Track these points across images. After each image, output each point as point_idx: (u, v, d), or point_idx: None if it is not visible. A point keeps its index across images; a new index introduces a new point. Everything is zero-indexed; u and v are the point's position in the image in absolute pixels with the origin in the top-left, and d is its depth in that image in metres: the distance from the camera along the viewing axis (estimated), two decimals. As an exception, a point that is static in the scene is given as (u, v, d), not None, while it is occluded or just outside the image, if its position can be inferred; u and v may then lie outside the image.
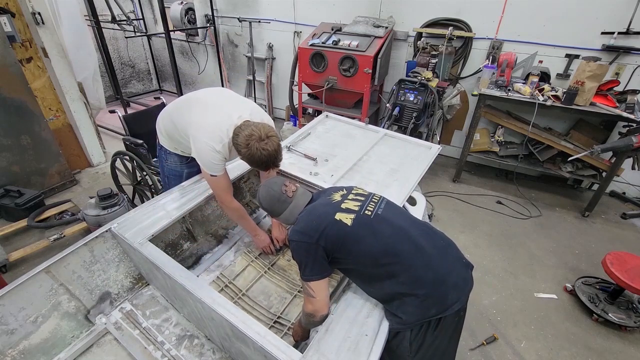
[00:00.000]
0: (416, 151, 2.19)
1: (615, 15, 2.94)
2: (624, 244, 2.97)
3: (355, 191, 1.34)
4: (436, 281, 1.14)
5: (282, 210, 1.33)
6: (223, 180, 1.65)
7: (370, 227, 1.18)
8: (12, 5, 2.82)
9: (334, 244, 1.17)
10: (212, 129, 1.55)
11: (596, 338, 2.14)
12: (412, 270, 1.14)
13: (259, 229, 1.86)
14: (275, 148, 1.43)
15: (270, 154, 1.41)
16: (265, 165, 1.46)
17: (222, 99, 1.70)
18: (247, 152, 1.42)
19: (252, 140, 1.40)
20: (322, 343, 1.10)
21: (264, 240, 1.84)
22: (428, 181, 3.75)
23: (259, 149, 1.40)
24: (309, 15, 4.30)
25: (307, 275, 1.18)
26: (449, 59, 3.45)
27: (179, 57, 5.76)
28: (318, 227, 1.17)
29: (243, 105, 1.69)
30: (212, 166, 1.58)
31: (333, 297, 1.67)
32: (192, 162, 1.91)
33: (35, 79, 3.10)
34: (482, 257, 2.74)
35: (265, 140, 1.41)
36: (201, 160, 1.59)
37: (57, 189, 3.35)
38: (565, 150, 3.20)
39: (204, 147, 1.54)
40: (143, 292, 1.72)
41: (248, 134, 1.42)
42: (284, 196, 1.32)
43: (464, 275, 1.21)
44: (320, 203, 1.30)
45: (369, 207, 1.23)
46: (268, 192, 1.35)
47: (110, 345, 1.50)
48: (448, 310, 1.12)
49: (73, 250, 1.48)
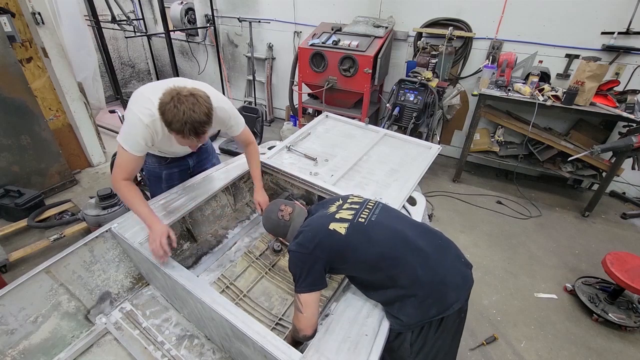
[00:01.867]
0: (416, 151, 2.19)
1: (615, 15, 2.94)
2: (624, 244, 2.97)
3: (350, 200, 1.36)
4: (435, 281, 1.14)
5: (285, 232, 1.39)
6: (132, 161, 1.43)
7: (365, 233, 1.19)
8: (12, 5, 2.82)
9: (330, 253, 1.19)
10: (144, 101, 1.39)
11: (596, 338, 2.14)
12: (410, 271, 1.14)
13: (157, 222, 1.42)
14: (193, 109, 1.20)
15: (184, 112, 1.19)
16: (180, 126, 1.22)
17: (170, 81, 1.47)
18: (162, 99, 1.23)
19: (173, 92, 1.22)
20: (322, 343, 1.10)
21: (154, 240, 1.35)
22: (428, 181, 3.75)
23: (171, 103, 1.20)
24: (309, 15, 4.30)
25: (299, 286, 1.19)
26: (449, 59, 3.45)
27: (179, 57, 5.76)
28: (313, 238, 1.20)
29: (190, 83, 1.45)
30: (130, 139, 1.39)
31: (333, 297, 1.68)
32: (171, 164, 1.86)
33: (35, 79, 3.09)
34: (482, 257, 2.74)
35: (187, 97, 1.21)
36: (123, 128, 1.41)
37: (57, 189, 3.34)
38: (565, 150, 3.20)
39: (132, 118, 1.38)
40: (143, 292, 1.72)
41: (172, 88, 1.24)
42: (282, 221, 1.38)
43: (464, 274, 1.21)
44: (317, 216, 1.33)
45: (363, 214, 1.25)
46: (268, 221, 1.42)
47: (110, 345, 1.50)
48: (449, 310, 1.12)
49: (73, 250, 1.48)
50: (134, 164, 1.46)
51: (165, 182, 1.89)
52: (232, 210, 2.17)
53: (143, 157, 1.48)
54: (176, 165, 1.89)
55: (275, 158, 2.10)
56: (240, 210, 2.23)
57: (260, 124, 3.40)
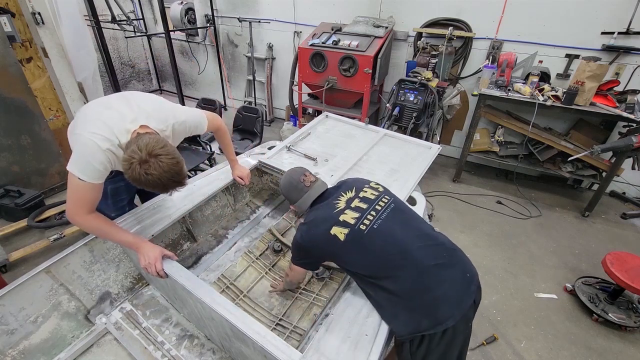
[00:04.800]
0: (416, 151, 2.19)
1: (615, 15, 2.94)
2: (624, 244, 2.97)
3: (363, 193, 1.31)
4: (425, 295, 1.12)
5: (297, 198, 1.38)
6: (92, 190, 1.27)
7: (361, 244, 1.19)
8: (12, 5, 2.81)
9: (327, 255, 1.32)
10: (99, 125, 1.24)
11: (596, 338, 2.14)
12: (401, 283, 1.14)
13: (143, 242, 1.36)
14: (164, 169, 1.14)
15: (160, 177, 1.14)
16: (162, 188, 1.19)
17: (122, 100, 1.37)
18: (131, 176, 1.15)
19: (132, 163, 1.13)
20: (322, 343, 1.10)
21: (149, 265, 1.31)
22: (428, 181, 3.75)
23: (141, 173, 1.13)
24: (309, 15, 4.30)
25: (294, 259, 1.39)
26: (449, 59, 3.45)
27: (179, 57, 5.76)
28: (315, 239, 1.27)
29: (144, 103, 1.37)
30: (87, 167, 1.22)
31: (333, 297, 1.68)
32: (116, 177, 1.65)
33: (35, 79, 3.09)
34: (482, 257, 2.74)
35: (150, 162, 1.13)
36: (76, 156, 1.23)
37: (57, 189, 3.34)
38: (565, 150, 3.20)
39: (86, 142, 1.21)
40: (143, 292, 1.72)
41: (128, 157, 1.14)
42: (302, 185, 1.38)
43: (463, 292, 1.15)
44: (326, 206, 1.31)
45: (368, 217, 1.22)
46: (287, 179, 1.42)
47: (110, 345, 1.50)
48: (442, 325, 1.08)
49: (73, 250, 1.48)
50: (95, 193, 1.29)
51: (111, 198, 1.71)
52: (232, 210, 2.17)
53: (102, 184, 1.31)
54: (122, 179, 1.67)
55: (275, 158, 2.10)
56: (240, 210, 2.23)
57: (260, 124, 3.40)
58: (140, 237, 1.41)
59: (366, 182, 1.39)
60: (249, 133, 3.52)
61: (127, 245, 1.36)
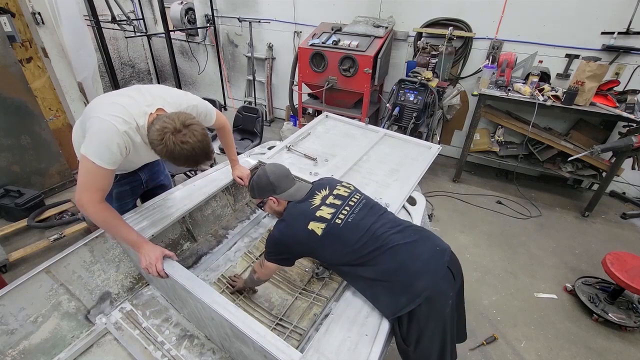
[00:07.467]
0: (416, 151, 2.19)
1: (615, 15, 2.94)
2: (624, 244, 2.97)
3: (337, 191, 1.38)
4: (401, 273, 1.18)
5: (289, 186, 1.39)
6: (106, 176, 1.24)
7: (339, 236, 1.24)
8: (12, 5, 2.82)
9: (304, 250, 1.34)
10: (117, 108, 1.24)
11: (596, 338, 2.14)
12: (380, 264, 1.20)
13: (145, 242, 1.34)
14: (199, 138, 1.17)
15: (193, 147, 1.16)
16: (194, 160, 1.21)
17: (135, 89, 1.37)
18: (164, 148, 1.16)
19: (166, 133, 1.14)
20: (322, 343, 1.10)
21: (150, 265, 1.30)
22: (428, 181, 3.75)
23: (176, 142, 1.14)
24: (309, 15, 4.30)
25: (268, 256, 1.37)
26: (449, 59, 3.45)
27: (179, 57, 5.75)
28: (295, 233, 1.29)
29: (157, 91, 1.38)
30: (103, 151, 1.19)
31: (333, 297, 1.68)
32: (122, 180, 1.67)
33: (35, 79, 3.09)
34: (482, 257, 2.74)
35: (183, 131, 1.15)
36: (91, 138, 1.20)
37: (57, 189, 3.34)
38: (565, 150, 3.20)
39: (103, 124, 1.19)
40: (143, 292, 1.72)
41: (160, 127, 1.16)
42: (291, 175, 1.41)
43: (436, 263, 1.21)
44: (304, 203, 1.34)
45: (343, 212, 1.28)
46: (273, 168, 1.41)
47: (110, 345, 1.50)
48: (418, 298, 1.13)
49: (73, 250, 1.48)
50: (107, 180, 1.26)
51: (115, 202, 1.70)
52: (232, 210, 2.17)
53: (114, 173, 1.28)
54: (127, 182, 1.71)
55: (275, 158, 2.10)
56: (240, 210, 2.23)
57: (260, 124, 3.40)
58: (143, 237, 1.40)
59: (338, 181, 1.46)
60: (249, 133, 3.53)
61: (129, 243, 1.34)
